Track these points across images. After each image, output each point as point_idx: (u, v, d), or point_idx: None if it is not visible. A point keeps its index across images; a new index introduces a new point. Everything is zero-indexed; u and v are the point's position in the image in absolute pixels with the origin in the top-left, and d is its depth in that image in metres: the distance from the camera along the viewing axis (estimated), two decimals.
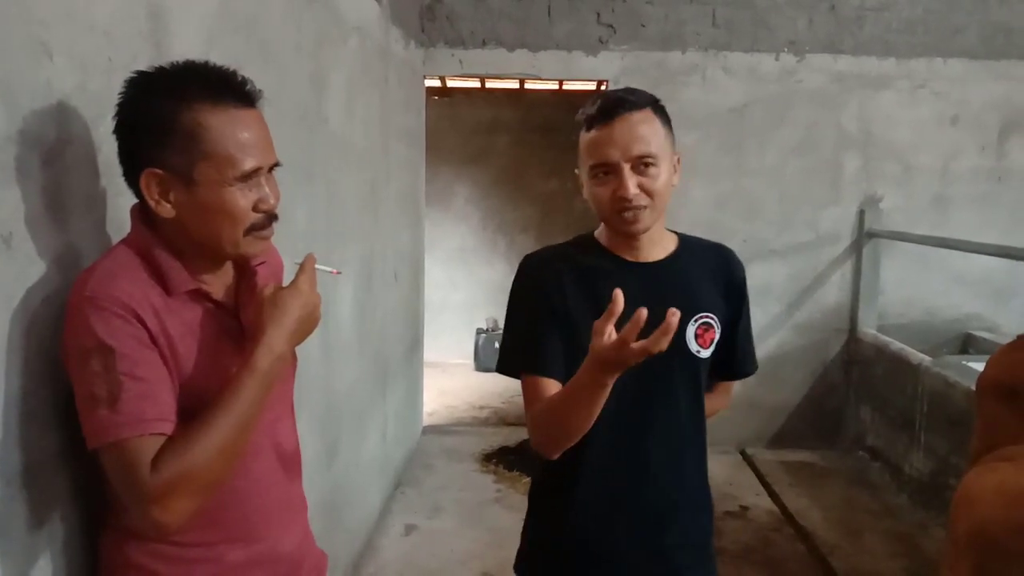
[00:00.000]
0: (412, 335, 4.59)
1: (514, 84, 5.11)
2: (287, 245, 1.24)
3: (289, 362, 1.25)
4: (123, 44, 1.35)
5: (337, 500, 2.88)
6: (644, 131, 1.38)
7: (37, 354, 1.11)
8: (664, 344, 1.16)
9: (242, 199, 1.13)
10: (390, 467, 3.98)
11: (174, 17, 1.54)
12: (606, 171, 1.40)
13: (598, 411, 1.32)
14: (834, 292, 4.82)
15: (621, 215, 1.40)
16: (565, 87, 5.18)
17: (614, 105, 1.39)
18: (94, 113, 1.23)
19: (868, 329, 4.71)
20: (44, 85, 1.13)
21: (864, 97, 4.67)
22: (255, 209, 1.15)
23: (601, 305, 1.41)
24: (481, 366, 6.84)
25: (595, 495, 1.49)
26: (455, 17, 4.58)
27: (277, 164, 1.20)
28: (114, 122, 1.13)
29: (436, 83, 5.12)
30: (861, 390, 4.69)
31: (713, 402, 1.64)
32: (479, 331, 6.98)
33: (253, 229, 1.15)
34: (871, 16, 4.60)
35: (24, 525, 1.10)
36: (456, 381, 6.46)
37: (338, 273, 1.35)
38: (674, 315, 1.14)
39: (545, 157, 6.89)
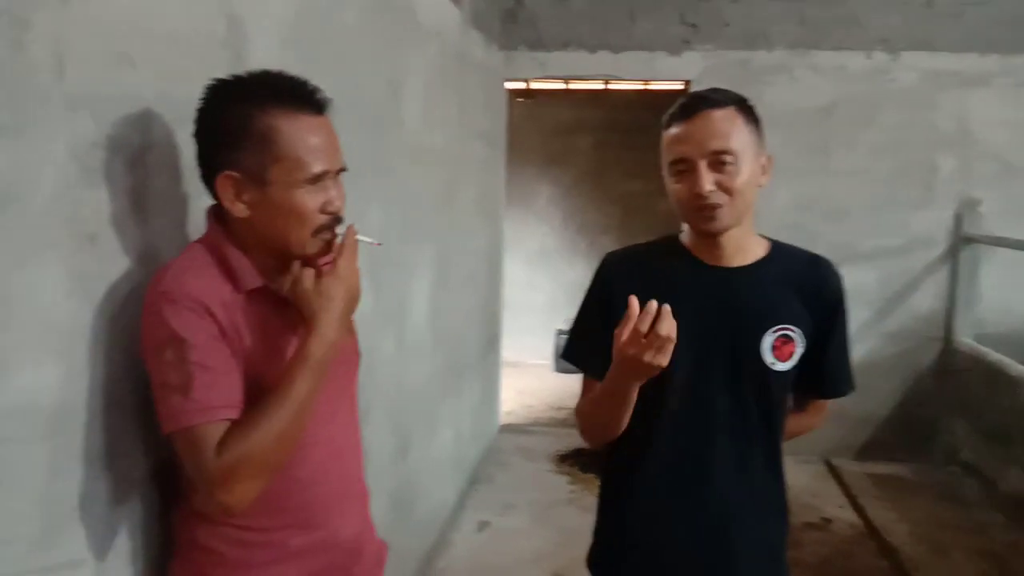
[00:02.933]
0: (489, 334, 4.64)
1: (598, 85, 5.09)
2: (360, 244, 1.29)
3: (342, 347, 1.28)
4: (203, 52, 1.43)
5: (409, 494, 2.95)
6: (723, 128, 1.36)
7: (119, 346, 1.19)
8: (661, 359, 1.23)
9: (310, 201, 1.18)
10: (465, 464, 4.04)
11: (252, 25, 1.61)
12: (683, 168, 1.38)
13: (626, 415, 1.37)
14: (927, 299, 4.61)
15: (699, 213, 1.38)
16: (650, 87, 5.14)
17: (695, 103, 1.39)
18: (175, 119, 1.30)
19: (964, 338, 4.49)
20: (128, 94, 1.21)
21: (962, 95, 4.46)
22: (322, 211, 1.20)
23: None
24: (560, 367, 6.84)
25: (658, 497, 1.49)
26: (536, 20, 4.60)
27: (344, 169, 1.25)
28: (193, 127, 1.20)
29: (521, 85, 5.16)
30: (955, 402, 4.48)
31: (802, 420, 1.61)
32: (559, 332, 6.98)
33: (320, 230, 1.21)
34: (971, 11, 4.37)
35: (104, 503, 1.19)
36: (534, 381, 6.49)
37: (379, 244, 1.36)
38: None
39: (628, 157, 6.83)
